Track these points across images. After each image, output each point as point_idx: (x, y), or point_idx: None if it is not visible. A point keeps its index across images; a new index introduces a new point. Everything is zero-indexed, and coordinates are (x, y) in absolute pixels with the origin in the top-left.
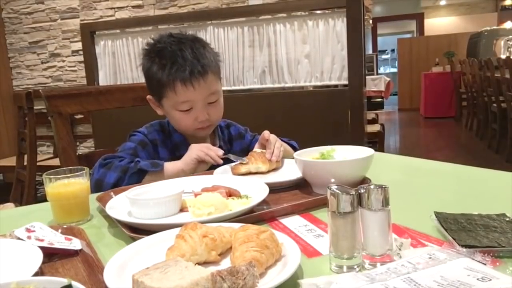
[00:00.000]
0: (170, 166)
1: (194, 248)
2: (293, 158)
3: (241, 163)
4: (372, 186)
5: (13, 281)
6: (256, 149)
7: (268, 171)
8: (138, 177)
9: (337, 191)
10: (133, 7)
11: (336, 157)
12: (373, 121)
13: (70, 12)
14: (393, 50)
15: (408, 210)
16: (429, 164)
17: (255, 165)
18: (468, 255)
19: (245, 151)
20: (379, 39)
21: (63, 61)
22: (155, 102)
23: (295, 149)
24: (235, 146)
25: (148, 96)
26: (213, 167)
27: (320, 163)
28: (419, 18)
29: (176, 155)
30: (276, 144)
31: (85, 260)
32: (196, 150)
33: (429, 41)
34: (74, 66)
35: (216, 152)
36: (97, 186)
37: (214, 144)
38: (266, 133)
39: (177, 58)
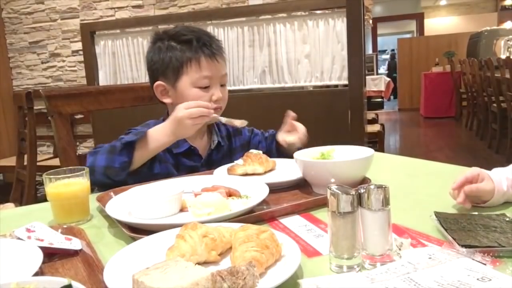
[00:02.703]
0: (155, 131)
1: (194, 248)
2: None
3: (237, 164)
4: (372, 186)
5: (13, 281)
6: (253, 150)
7: (265, 172)
8: (127, 152)
9: (337, 191)
10: (133, 7)
11: (336, 157)
12: (373, 121)
13: (70, 12)
14: (393, 50)
15: (408, 210)
16: (429, 164)
17: (251, 166)
18: (468, 255)
19: (245, 147)
20: (379, 39)
21: (63, 61)
22: (166, 87)
23: None
24: (234, 142)
25: (157, 83)
26: (211, 164)
27: (320, 163)
28: (419, 18)
29: (173, 152)
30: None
31: (85, 260)
32: (182, 112)
33: (429, 41)
34: (74, 66)
35: (207, 105)
36: (89, 172)
37: (211, 140)
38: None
39: (201, 35)
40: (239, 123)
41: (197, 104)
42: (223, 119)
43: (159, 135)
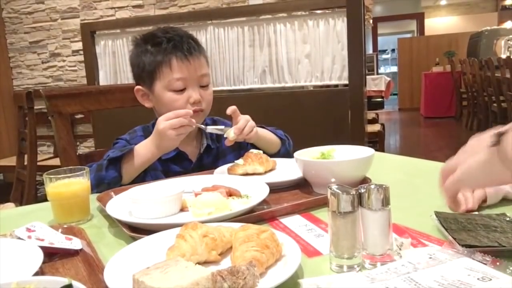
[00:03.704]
0: (140, 147)
1: (194, 247)
2: (277, 147)
3: (237, 164)
4: (372, 186)
5: (13, 281)
6: (253, 150)
7: (265, 172)
8: (114, 167)
9: (338, 190)
10: (134, 6)
11: (336, 157)
12: (373, 121)
13: (70, 12)
14: (393, 50)
15: (408, 210)
16: (429, 164)
17: (252, 166)
18: (468, 255)
19: (235, 147)
20: (379, 38)
21: (64, 61)
22: (145, 92)
23: (281, 139)
24: (224, 142)
25: (136, 87)
26: (202, 168)
27: (320, 163)
28: (420, 18)
29: (162, 158)
30: (251, 123)
31: (85, 260)
32: (163, 124)
33: (430, 40)
34: (75, 66)
35: (186, 114)
36: None
37: (201, 144)
38: (233, 108)
39: (173, 36)
40: (221, 130)
41: (175, 114)
42: (209, 128)
43: (143, 151)
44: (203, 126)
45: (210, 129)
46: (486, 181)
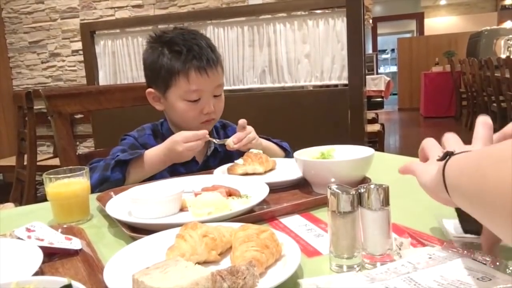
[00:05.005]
0: (150, 154)
1: (194, 247)
2: (281, 158)
3: (237, 164)
4: (372, 186)
5: (13, 281)
6: (253, 149)
7: (265, 172)
8: (120, 169)
9: (337, 190)
10: (133, 6)
11: (336, 157)
12: (373, 121)
13: (70, 12)
14: (393, 50)
15: (408, 210)
16: None
17: (251, 166)
18: (468, 255)
19: (242, 151)
20: (379, 38)
21: (63, 60)
22: (157, 95)
23: (285, 151)
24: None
25: (149, 90)
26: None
27: (320, 163)
28: (419, 18)
29: None
30: (251, 134)
31: (85, 260)
32: (181, 147)
33: (429, 40)
34: (74, 66)
35: (204, 135)
36: None
37: (208, 146)
38: (242, 121)
39: (192, 45)
40: (228, 142)
41: (195, 136)
42: (216, 141)
43: (154, 160)
44: (214, 140)
45: (217, 141)
46: (433, 196)
